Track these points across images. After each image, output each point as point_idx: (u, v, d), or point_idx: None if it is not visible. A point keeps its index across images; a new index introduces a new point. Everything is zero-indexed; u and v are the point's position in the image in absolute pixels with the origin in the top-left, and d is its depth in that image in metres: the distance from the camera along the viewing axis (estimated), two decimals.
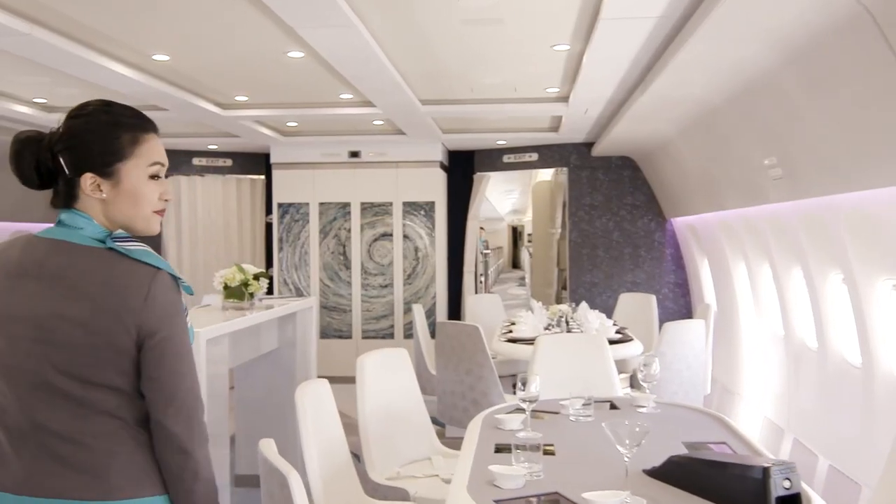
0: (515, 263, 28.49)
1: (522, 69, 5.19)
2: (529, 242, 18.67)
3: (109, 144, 1.56)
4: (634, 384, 5.46)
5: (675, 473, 2.27)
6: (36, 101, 5.98)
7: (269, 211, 8.85)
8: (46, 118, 6.08)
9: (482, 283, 12.41)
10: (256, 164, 8.90)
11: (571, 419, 3.14)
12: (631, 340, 5.43)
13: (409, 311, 8.16)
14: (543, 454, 2.52)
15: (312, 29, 3.87)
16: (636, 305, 7.25)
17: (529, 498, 2.22)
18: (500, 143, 8.31)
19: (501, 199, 18.97)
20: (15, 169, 1.57)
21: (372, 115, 6.53)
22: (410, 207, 8.42)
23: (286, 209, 8.48)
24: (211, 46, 4.57)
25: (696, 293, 7.86)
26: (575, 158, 8.29)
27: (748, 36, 3.50)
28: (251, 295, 4.33)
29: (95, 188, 1.55)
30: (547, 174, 11.11)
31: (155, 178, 1.61)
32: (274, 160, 8.43)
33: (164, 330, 1.51)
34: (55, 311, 1.50)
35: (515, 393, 2.92)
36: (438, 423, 5.00)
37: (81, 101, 1.63)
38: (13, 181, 1.57)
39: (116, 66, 4.70)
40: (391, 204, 8.43)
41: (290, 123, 7.31)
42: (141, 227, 1.60)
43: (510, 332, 5.80)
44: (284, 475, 1.94)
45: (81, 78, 4.82)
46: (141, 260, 1.53)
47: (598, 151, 7.99)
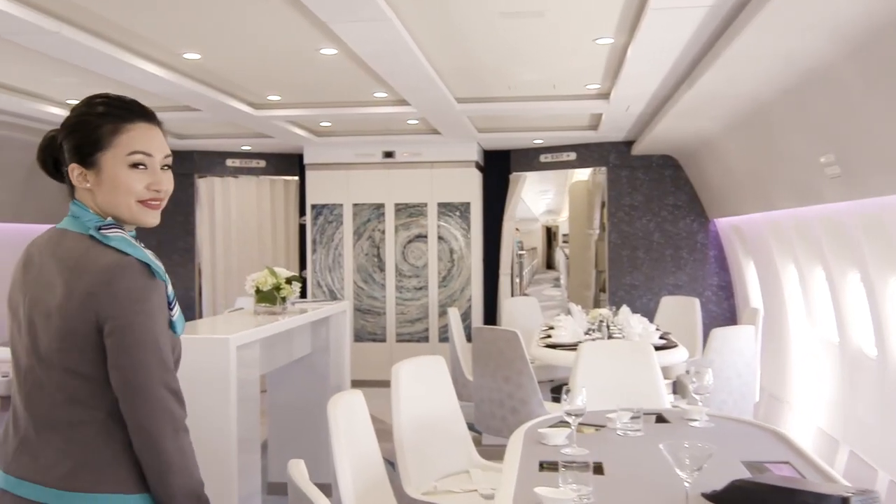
0: (550, 264, 28.29)
1: (562, 65, 5.00)
2: (565, 243, 18.46)
3: (91, 134, 1.59)
4: (679, 391, 5.25)
5: (738, 499, 2.08)
6: (69, 102, 5.93)
7: (302, 212, 8.76)
8: None
9: (517, 283, 12.22)
10: (290, 164, 8.83)
11: (619, 434, 2.95)
12: (676, 346, 5.20)
13: (444, 314, 8.01)
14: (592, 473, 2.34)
15: (345, 23, 3.74)
16: (679, 309, 7.01)
17: None
18: (536, 142, 8.11)
19: (536, 199, 18.81)
20: (40, 165, 1.66)
21: (406, 113, 6.40)
22: (445, 208, 8.26)
23: (320, 210, 8.37)
24: (242, 44, 4.47)
25: (740, 296, 7.60)
26: (614, 157, 8.06)
27: (805, 26, 3.30)
28: (283, 299, 4.22)
29: (82, 178, 1.60)
30: (584, 174, 10.88)
31: (137, 166, 1.60)
32: (307, 161, 8.33)
33: (122, 317, 1.49)
34: (38, 296, 1.56)
35: (561, 402, 2.75)
36: (475, 430, 4.85)
37: None
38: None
39: (146, 64, 4.62)
40: (426, 205, 8.28)
41: (323, 123, 7.20)
42: (126, 216, 1.61)
43: (549, 336, 5.62)
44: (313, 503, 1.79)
45: (111, 77, 4.75)
46: (114, 247, 1.54)
47: (638, 150, 7.76)
